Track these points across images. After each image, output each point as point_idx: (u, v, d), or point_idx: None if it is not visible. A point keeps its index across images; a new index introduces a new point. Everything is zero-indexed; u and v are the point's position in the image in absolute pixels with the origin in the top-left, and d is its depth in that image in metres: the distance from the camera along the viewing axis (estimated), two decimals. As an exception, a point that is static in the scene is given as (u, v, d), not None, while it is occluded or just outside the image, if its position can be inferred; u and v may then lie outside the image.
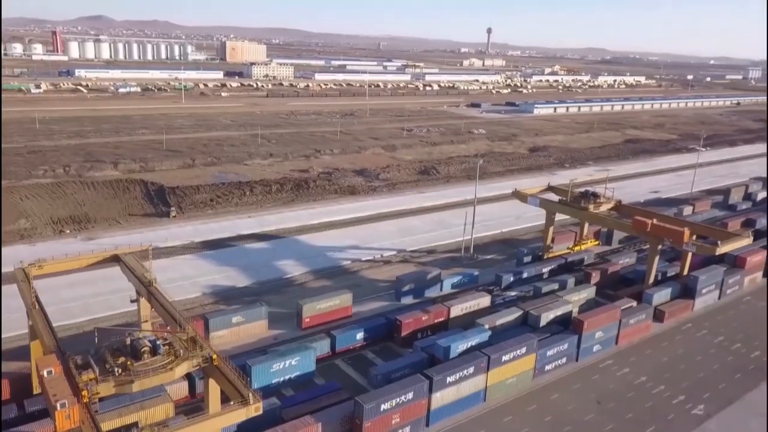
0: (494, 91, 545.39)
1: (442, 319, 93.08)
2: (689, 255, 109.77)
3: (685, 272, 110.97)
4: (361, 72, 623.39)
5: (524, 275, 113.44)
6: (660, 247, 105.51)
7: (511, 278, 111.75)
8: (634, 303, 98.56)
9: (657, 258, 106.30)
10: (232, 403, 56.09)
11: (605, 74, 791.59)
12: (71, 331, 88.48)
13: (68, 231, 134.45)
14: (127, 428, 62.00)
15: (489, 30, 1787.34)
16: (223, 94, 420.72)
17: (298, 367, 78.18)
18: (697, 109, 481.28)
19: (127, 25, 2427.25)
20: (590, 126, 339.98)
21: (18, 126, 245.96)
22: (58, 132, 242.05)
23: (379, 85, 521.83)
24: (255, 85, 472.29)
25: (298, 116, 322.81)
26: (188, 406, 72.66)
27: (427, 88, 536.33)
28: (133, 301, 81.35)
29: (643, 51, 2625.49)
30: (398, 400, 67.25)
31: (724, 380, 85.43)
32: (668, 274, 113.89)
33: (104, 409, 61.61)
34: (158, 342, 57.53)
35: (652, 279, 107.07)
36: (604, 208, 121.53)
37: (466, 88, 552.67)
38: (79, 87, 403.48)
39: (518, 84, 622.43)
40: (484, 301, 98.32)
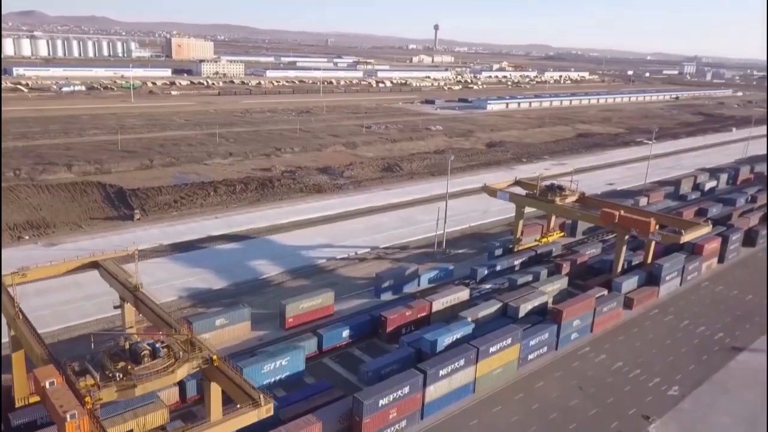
0: (446, 88, 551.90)
1: (425, 314, 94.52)
2: (653, 244, 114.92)
3: (649, 260, 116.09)
4: (312, 69, 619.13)
5: (498, 268, 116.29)
6: (626, 237, 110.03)
7: (486, 271, 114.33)
8: (605, 292, 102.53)
9: (624, 248, 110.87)
10: (239, 406, 55.91)
11: (551, 70, 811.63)
12: (47, 340, 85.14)
13: (27, 237, 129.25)
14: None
15: (436, 27, 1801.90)
16: (173, 92, 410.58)
17: (288, 367, 78.13)
18: (639, 104, 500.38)
19: (61, 20, 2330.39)
20: (542, 121, 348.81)
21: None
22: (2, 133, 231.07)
23: (332, 82, 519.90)
24: (206, 83, 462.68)
25: (253, 114, 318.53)
26: (180, 411, 71.97)
27: (380, 84, 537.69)
28: (116, 307, 79.39)
29: (584, 47, 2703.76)
30: (395, 395, 68.25)
31: (693, 362, 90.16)
32: (633, 263, 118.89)
33: (97, 419, 60.19)
34: (157, 345, 56.83)
35: (619, 268, 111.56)
36: (569, 201, 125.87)
37: (418, 84, 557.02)
38: (18, 86, 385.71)
39: (469, 80, 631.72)
40: (464, 294, 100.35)
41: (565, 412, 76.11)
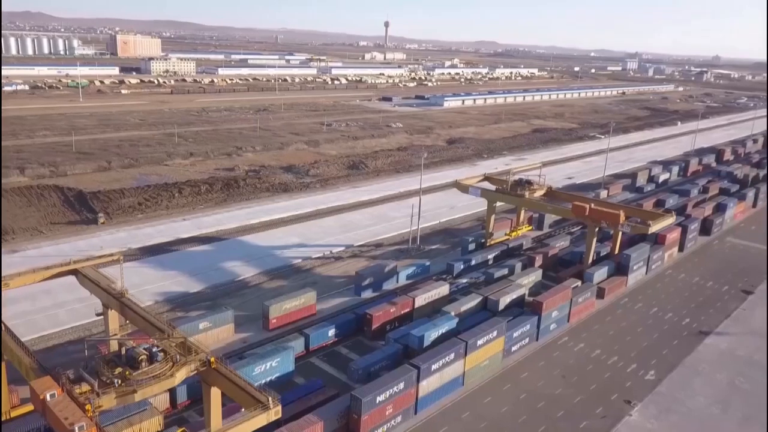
0: (401, 85, 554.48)
1: (408, 310, 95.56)
2: (620, 235, 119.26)
3: (616, 251, 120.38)
4: (265, 66, 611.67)
5: (473, 262, 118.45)
6: (597, 229, 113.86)
7: (462, 266, 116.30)
8: (578, 283, 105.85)
9: (594, 240, 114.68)
10: (243, 409, 55.49)
11: (501, 67, 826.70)
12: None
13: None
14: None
15: (386, 24, 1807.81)
16: (123, 91, 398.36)
17: (279, 368, 77.76)
18: (588, 99, 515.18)
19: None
20: (498, 117, 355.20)
21: None
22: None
23: (286, 80, 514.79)
24: (156, 82, 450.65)
25: (210, 113, 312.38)
26: (172, 418, 70.77)
27: (336, 82, 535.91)
28: (99, 315, 77.31)
29: (531, 44, 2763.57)
30: (391, 391, 68.92)
31: (665, 347, 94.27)
32: (600, 254, 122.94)
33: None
34: (154, 349, 55.93)
35: (590, 259, 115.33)
36: (538, 195, 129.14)
37: (373, 81, 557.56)
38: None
39: (423, 77, 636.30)
40: (444, 289, 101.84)
41: (552, 401, 78.47)
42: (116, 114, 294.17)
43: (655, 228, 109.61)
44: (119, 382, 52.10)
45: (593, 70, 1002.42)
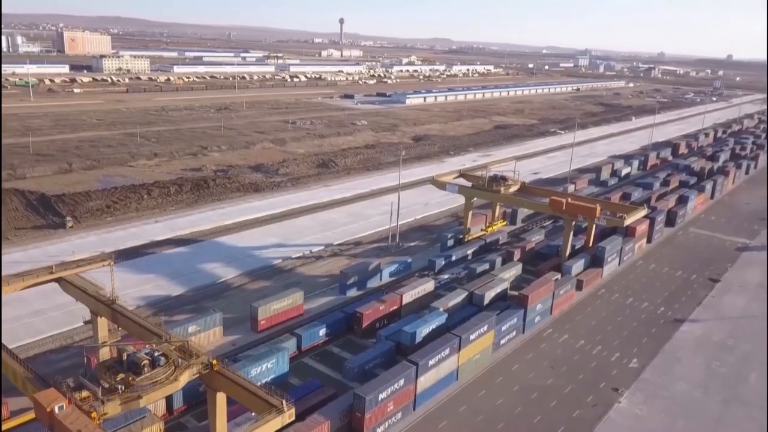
0: (361, 82, 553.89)
1: (396, 307, 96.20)
2: (594, 228, 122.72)
3: (591, 244, 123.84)
4: (221, 64, 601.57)
5: (453, 258, 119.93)
6: (574, 222, 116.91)
7: (443, 262, 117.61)
8: (558, 275, 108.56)
9: (571, 233, 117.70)
10: (253, 413, 54.97)
11: (458, 64, 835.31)
12: None
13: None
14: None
15: (341, 21, 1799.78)
16: (75, 90, 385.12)
17: (273, 369, 77.21)
18: (545, 95, 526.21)
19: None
20: (460, 114, 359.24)
21: None
22: None
23: (245, 77, 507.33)
24: (110, 80, 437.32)
25: (170, 112, 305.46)
26: (169, 424, 69.52)
27: (295, 79, 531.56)
28: (86, 322, 75.17)
29: (484, 41, 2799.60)
30: (392, 388, 69.41)
31: (645, 335, 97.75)
32: (575, 247, 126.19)
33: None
34: (156, 354, 55.00)
35: (567, 252, 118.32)
36: (512, 190, 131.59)
37: (333, 79, 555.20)
38: None
39: (382, 74, 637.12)
40: (429, 286, 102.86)
41: (544, 391, 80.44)
42: (72, 114, 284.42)
43: (629, 221, 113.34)
44: (123, 388, 51.11)
45: (547, 67, 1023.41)
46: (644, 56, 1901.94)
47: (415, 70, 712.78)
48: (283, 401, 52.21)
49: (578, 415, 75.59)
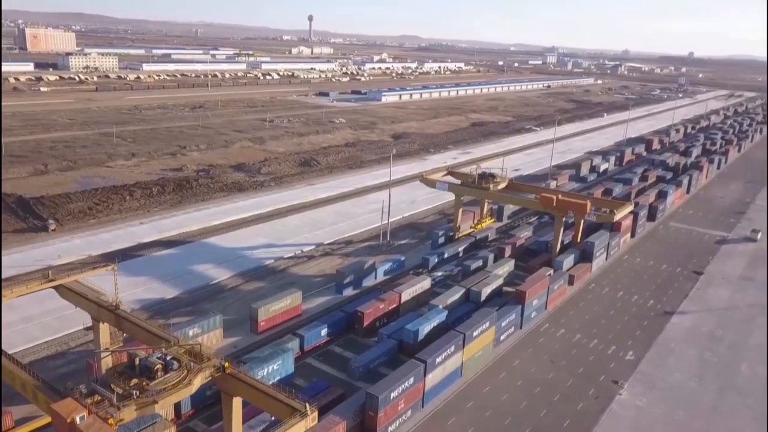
0: (334, 80, 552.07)
1: (395, 305, 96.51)
2: (581, 223, 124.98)
3: (579, 239, 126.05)
4: (191, 62, 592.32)
5: (445, 255, 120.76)
6: (564, 218, 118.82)
7: (436, 259, 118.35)
8: (551, 271, 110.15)
9: (561, 229, 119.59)
10: (273, 417, 54.53)
11: (430, 61, 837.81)
12: None
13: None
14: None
15: (310, 18, 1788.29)
16: (42, 89, 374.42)
17: (279, 371, 76.75)
18: (517, 93, 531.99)
19: None
20: (437, 112, 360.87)
21: None
22: None
23: (216, 75, 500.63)
24: (77, 78, 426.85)
25: (143, 111, 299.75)
26: (178, 429, 68.53)
27: (268, 77, 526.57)
28: (87, 329, 73.66)
29: (453, 38, 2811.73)
30: (403, 386, 69.74)
31: (638, 328, 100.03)
32: (564, 243, 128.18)
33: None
34: (168, 358, 54.40)
35: (558, 248, 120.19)
36: (501, 187, 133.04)
37: (306, 76, 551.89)
38: None
39: (355, 72, 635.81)
40: (426, 283, 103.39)
41: (547, 386, 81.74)
42: (41, 113, 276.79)
43: (619, 216, 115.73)
44: (137, 393, 50.46)
45: (516, 64, 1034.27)
46: (609, 53, 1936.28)
47: (388, 68, 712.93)
48: (306, 405, 51.94)
49: (582, 408, 77.06)
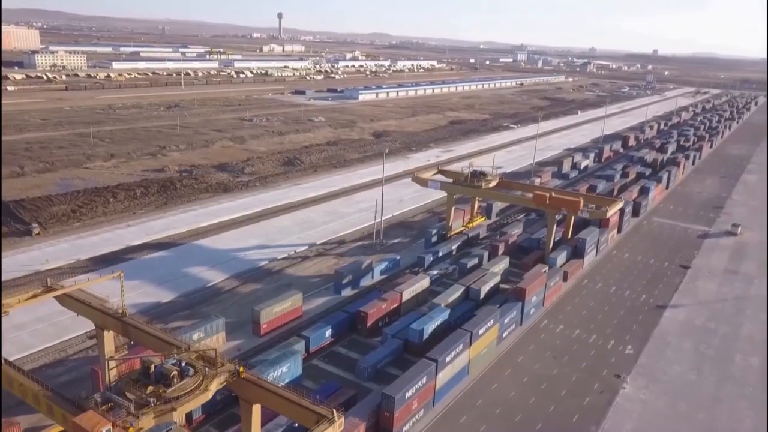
0: (308, 78, 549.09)
1: (396, 305, 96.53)
2: (572, 220, 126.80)
3: (569, 236, 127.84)
4: (163, 60, 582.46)
5: (440, 254, 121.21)
6: (558, 216, 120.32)
7: (431, 258, 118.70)
8: (546, 268, 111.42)
9: (554, 226, 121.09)
10: (297, 424, 53.85)
11: (403, 59, 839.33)
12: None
13: None
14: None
15: (280, 15, 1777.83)
16: (9, 88, 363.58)
17: (288, 373, 76.16)
18: (491, 90, 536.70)
19: None
20: (414, 110, 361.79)
21: None
22: None
23: (189, 74, 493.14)
24: (45, 77, 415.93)
25: (117, 111, 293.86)
26: (191, 436, 67.58)
27: (241, 75, 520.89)
28: (91, 338, 71.88)
29: (423, 36, 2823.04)
30: (417, 386, 69.83)
31: (633, 322, 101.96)
32: (554, 239, 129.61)
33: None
34: (183, 363, 53.56)
35: (551, 245, 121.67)
36: (492, 185, 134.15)
37: (280, 74, 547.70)
38: None
39: (329, 70, 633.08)
40: (425, 282, 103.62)
41: (552, 381, 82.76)
42: (11, 113, 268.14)
43: (611, 212, 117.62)
44: (155, 401, 49.55)
45: (488, 62, 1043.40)
46: (576, 51, 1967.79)
47: (361, 66, 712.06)
48: (333, 411, 51.30)
49: (589, 402, 78.25)
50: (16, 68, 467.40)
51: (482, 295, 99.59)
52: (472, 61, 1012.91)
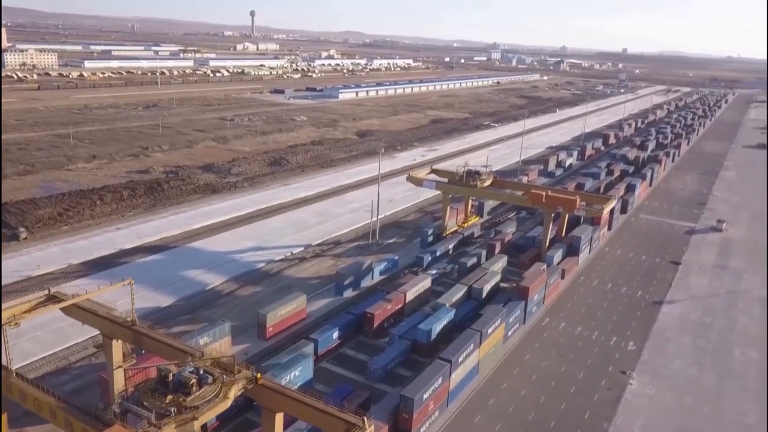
0: (285, 76, 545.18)
1: (401, 306, 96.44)
2: (566, 218, 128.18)
3: (563, 234, 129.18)
4: (136, 58, 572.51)
5: (438, 253, 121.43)
6: (553, 214, 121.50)
7: (429, 258, 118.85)
8: (545, 266, 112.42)
9: (551, 225, 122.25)
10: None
11: (378, 58, 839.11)
12: None
13: None
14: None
15: (252, 13, 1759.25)
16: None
17: (300, 377, 75.56)
18: (469, 89, 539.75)
19: None
20: (395, 109, 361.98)
21: None
22: None
23: (164, 73, 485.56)
24: (16, 77, 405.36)
25: (94, 111, 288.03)
26: (207, 443, 66.58)
27: (218, 74, 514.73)
28: (98, 347, 70.26)
29: (396, 34, 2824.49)
30: (433, 387, 69.84)
31: (632, 318, 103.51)
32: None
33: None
34: (201, 371, 52.69)
35: (547, 243, 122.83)
36: (487, 184, 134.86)
37: (257, 73, 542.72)
38: None
39: (306, 68, 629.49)
40: (427, 282, 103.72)
41: (561, 379, 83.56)
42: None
43: (607, 210, 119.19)
44: (175, 410, 48.64)
45: (463, 60, 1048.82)
46: (548, 50, 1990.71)
47: (338, 64, 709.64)
48: (365, 419, 50.80)
49: (599, 399, 79.22)
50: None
51: (484, 294, 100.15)
52: (447, 59, 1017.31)
